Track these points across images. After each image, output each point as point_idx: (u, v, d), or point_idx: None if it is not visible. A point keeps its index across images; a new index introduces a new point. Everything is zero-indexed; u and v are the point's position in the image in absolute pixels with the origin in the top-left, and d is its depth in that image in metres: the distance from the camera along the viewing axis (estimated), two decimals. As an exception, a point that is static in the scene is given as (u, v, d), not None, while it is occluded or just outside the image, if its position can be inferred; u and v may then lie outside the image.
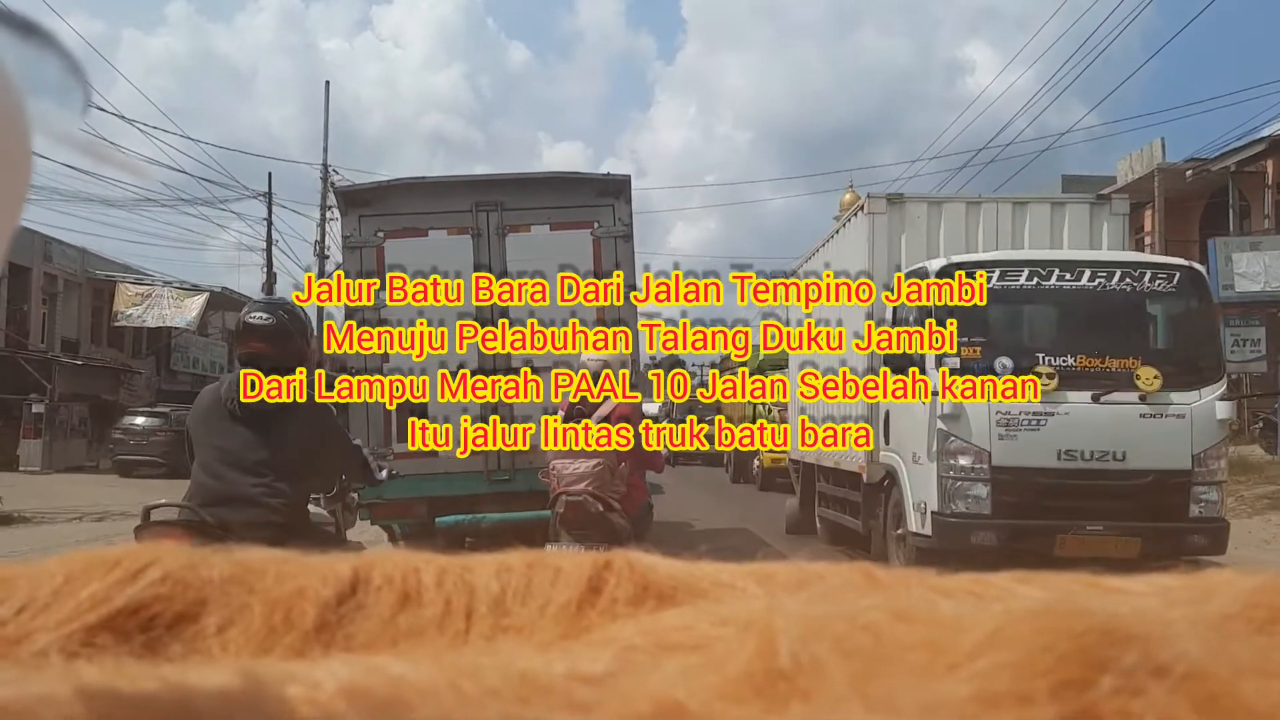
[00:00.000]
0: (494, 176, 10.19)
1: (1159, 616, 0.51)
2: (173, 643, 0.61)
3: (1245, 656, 0.46)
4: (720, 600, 0.63)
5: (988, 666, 0.44)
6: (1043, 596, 0.62)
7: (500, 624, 0.63)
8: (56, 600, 0.62)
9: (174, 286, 31.79)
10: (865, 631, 0.48)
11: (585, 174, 10.26)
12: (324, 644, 0.61)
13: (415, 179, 10.06)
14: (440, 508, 9.10)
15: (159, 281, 31.86)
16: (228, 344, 38.24)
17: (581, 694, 0.46)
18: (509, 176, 10.12)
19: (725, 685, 0.46)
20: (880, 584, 0.66)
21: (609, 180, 9.73)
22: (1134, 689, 0.42)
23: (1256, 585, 0.56)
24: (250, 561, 0.67)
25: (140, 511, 4.28)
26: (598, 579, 0.65)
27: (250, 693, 0.43)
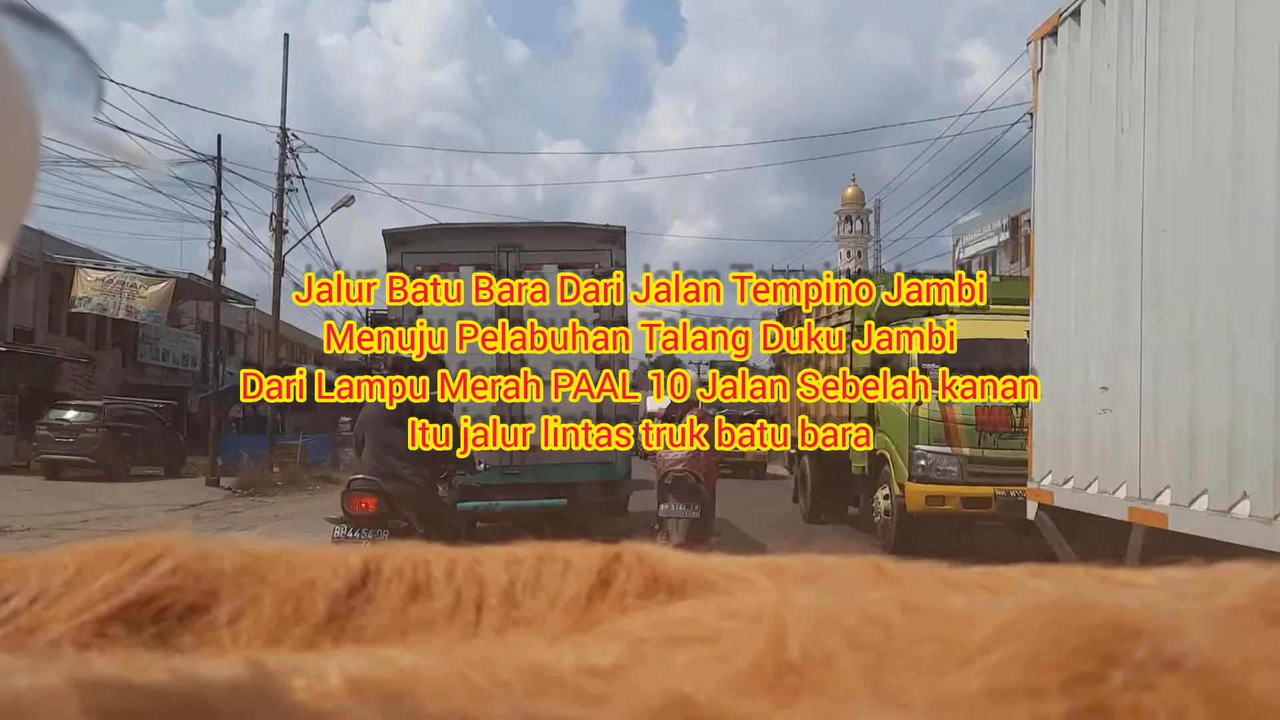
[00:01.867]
0: (514, 224, 13.50)
1: (1170, 610, 0.51)
2: (184, 634, 0.61)
3: (1257, 650, 0.46)
4: (730, 593, 0.62)
5: (999, 660, 0.44)
6: (1054, 590, 0.61)
7: (510, 616, 0.63)
8: (69, 591, 0.62)
9: (137, 273, 29.47)
10: (875, 625, 0.48)
11: (589, 224, 12.72)
12: (334, 635, 0.61)
13: (449, 224, 13.09)
14: (460, 495, 10.33)
15: (120, 267, 29.56)
16: (203, 335, 35.80)
17: (591, 686, 0.46)
18: (527, 225, 13.12)
19: (735, 678, 0.46)
20: (890, 577, 0.66)
21: (607, 230, 12.10)
22: (1145, 683, 0.42)
23: (1268, 579, 0.56)
24: (261, 553, 0.68)
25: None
26: (607, 571, 0.65)
27: (260, 684, 0.43)
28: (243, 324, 42.01)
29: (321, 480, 22.33)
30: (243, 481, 21.38)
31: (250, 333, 42.40)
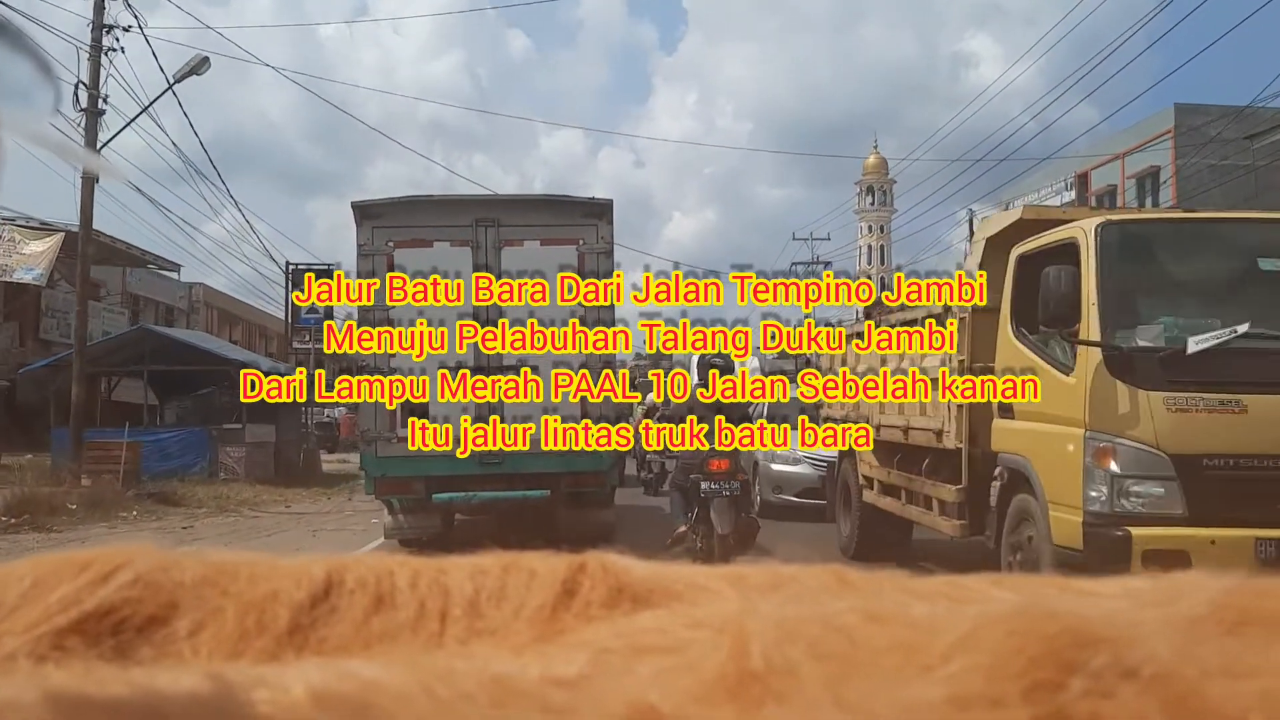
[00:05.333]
0: (493, 196, 11.97)
1: (1129, 619, 0.52)
2: (143, 646, 0.60)
3: (1214, 658, 0.46)
4: (694, 603, 0.63)
5: (960, 669, 0.44)
6: (1015, 599, 0.62)
7: (474, 627, 0.63)
8: (25, 603, 0.61)
9: (15, 225, 23.14)
10: (839, 634, 0.49)
11: (573, 197, 11.38)
12: (297, 647, 0.61)
13: (423, 196, 11.24)
14: (437, 486, 10.29)
15: (-7, 218, 22.44)
16: (130, 310, 30.78)
17: (556, 697, 0.46)
18: (506, 197, 11.79)
19: (699, 688, 0.46)
20: (853, 586, 0.66)
21: (594, 203, 10.93)
22: (1104, 691, 0.43)
23: (1225, 588, 0.56)
24: (223, 564, 0.67)
25: None
26: (572, 581, 0.65)
27: (220, 697, 0.42)
28: (183, 299, 37.71)
29: (158, 502, 15.66)
30: (16, 501, 13.76)
31: (194, 309, 38.80)
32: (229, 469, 20.13)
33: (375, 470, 10.35)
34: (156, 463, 18.44)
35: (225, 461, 20.20)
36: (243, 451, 20.48)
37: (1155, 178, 33.27)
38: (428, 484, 10.22)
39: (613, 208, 10.86)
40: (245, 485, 19.05)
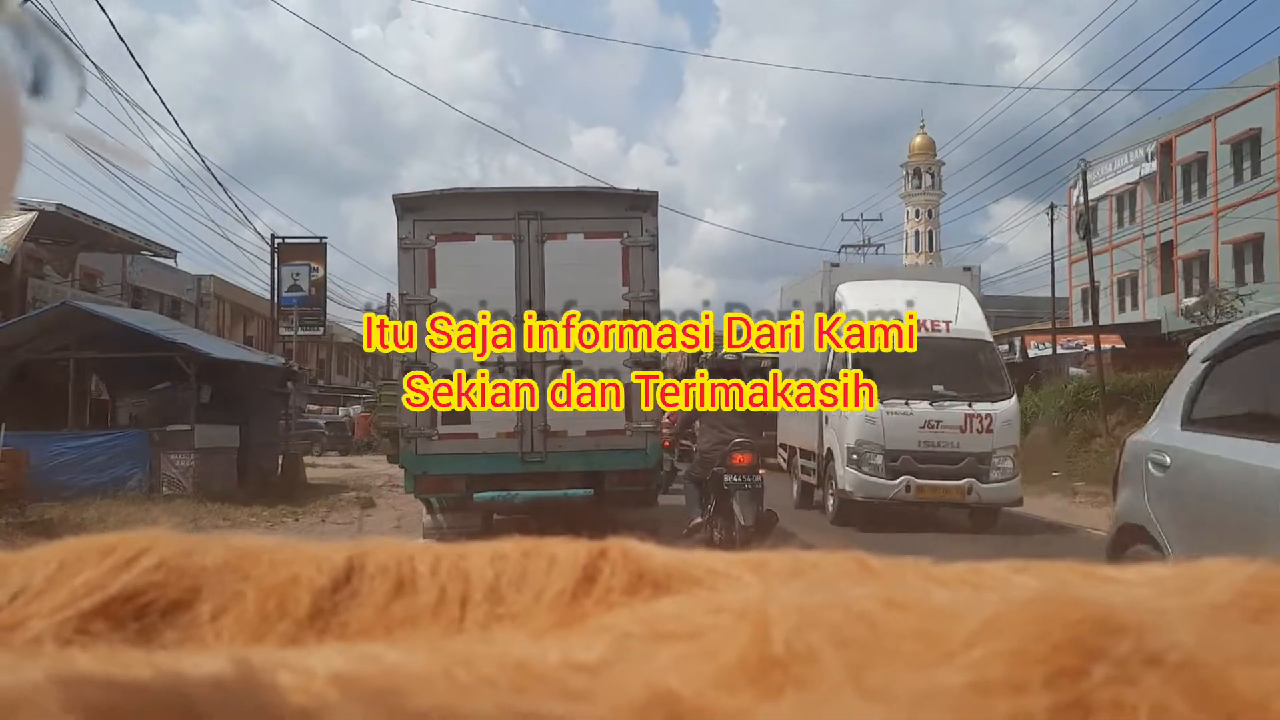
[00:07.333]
0: (535, 189, 11.42)
1: (1153, 605, 0.51)
2: (167, 630, 0.61)
3: (1238, 645, 0.46)
4: (715, 589, 0.63)
5: (982, 655, 0.44)
6: (1038, 586, 0.62)
7: (495, 612, 0.63)
8: (51, 587, 0.62)
9: None
10: (860, 620, 0.48)
11: (617, 189, 11.44)
12: (318, 631, 0.61)
13: (465, 189, 11.32)
14: (478, 484, 10.09)
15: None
16: (131, 303, 27.80)
17: (576, 682, 0.46)
18: (549, 189, 11.40)
19: (720, 674, 0.46)
20: (875, 573, 0.66)
21: (638, 196, 10.73)
22: (1127, 678, 0.42)
23: (1250, 574, 0.56)
24: (245, 548, 0.67)
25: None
26: (593, 567, 0.65)
27: (244, 679, 0.43)
28: (191, 291, 35.54)
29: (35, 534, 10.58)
30: None
31: (204, 303, 36.76)
32: (173, 482, 16.15)
33: (415, 468, 10.12)
34: (81, 475, 15.19)
35: (169, 473, 16.23)
36: (191, 460, 16.26)
37: (1255, 141, 30.62)
38: (469, 482, 10.02)
39: (657, 200, 10.63)
40: (189, 503, 14.94)
